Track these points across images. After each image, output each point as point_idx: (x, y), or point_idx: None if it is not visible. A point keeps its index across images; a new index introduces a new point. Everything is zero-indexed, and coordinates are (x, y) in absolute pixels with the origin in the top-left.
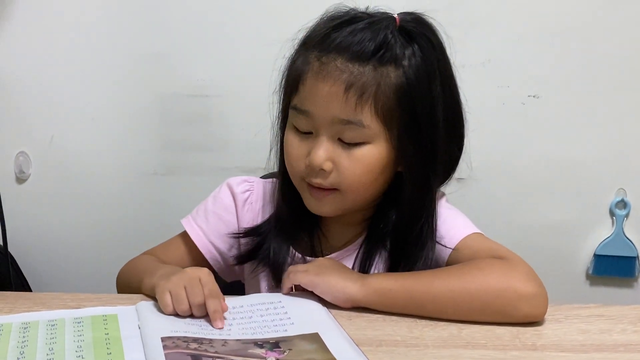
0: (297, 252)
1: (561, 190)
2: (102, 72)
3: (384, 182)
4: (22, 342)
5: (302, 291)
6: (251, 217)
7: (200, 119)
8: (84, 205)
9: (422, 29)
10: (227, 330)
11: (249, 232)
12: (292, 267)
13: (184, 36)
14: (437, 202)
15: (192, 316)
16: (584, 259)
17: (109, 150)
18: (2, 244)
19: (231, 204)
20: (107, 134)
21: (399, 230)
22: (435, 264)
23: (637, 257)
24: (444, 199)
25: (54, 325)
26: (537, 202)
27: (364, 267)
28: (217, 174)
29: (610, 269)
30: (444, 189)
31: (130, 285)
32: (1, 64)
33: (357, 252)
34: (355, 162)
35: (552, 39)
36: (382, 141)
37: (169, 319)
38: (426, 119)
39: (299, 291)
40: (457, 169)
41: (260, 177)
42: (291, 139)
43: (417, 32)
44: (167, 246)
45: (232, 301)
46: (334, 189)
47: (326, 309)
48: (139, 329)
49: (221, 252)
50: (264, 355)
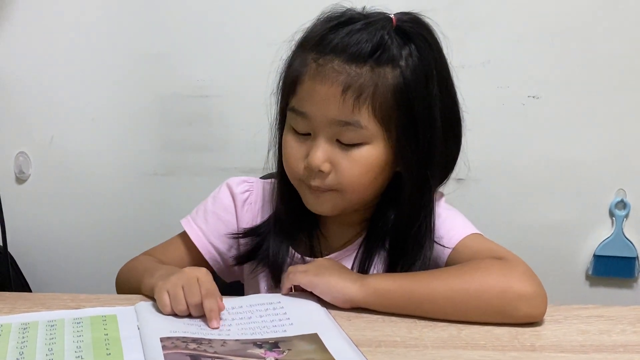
0: (296, 253)
1: (561, 190)
2: (102, 73)
3: (382, 182)
4: (22, 343)
5: (302, 291)
6: (251, 217)
7: (200, 120)
8: (83, 205)
9: (419, 29)
10: (227, 330)
11: (248, 233)
12: (291, 268)
13: (184, 36)
14: (436, 203)
15: (191, 316)
16: (584, 260)
17: (109, 150)
18: (2, 244)
19: (230, 204)
20: (107, 134)
21: (398, 230)
22: (434, 264)
23: (637, 257)
24: (443, 200)
25: (54, 325)
26: (536, 202)
27: (364, 267)
28: (217, 174)
29: (609, 269)
30: (444, 189)
31: (129, 285)
32: (1, 64)
33: (356, 252)
34: (353, 163)
35: (552, 39)
36: (380, 141)
37: (167, 319)
38: (424, 118)
39: (299, 291)
40: (456, 169)
41: (259, 177)
42: (289, 140)
43: (414, 32)
44: (166, 246)
45: (231, 302)
46: (332, 189)
47: (325, 309)
48: (138, 329)
49: (220, 252)
50: (263, 355)
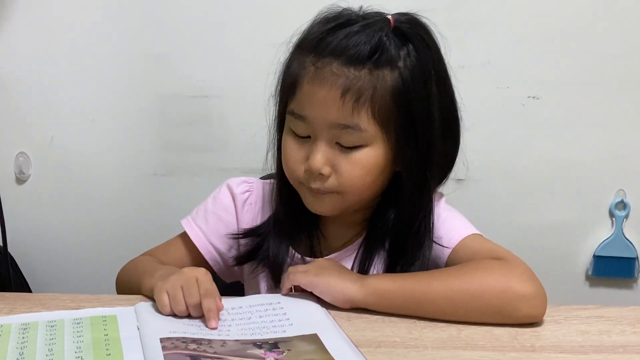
0: (296, 253)
1: (561, 191)
2: (102, 73)
3: (382, 183)
4: (22, 343)
5: (302, 292)
6: (251, 217)
7: (200, 120)
8: (83, 205)
9: (417, 30)
10: (226, 330)
11: (248, 233)
12: (291, 268)
13: (184, 37)
14: (437, 203)
15: (190, 317)
16: (584, 260)
17: (109, 150)
18: (2, 244)
19: (231, 204)
20: (107, 134)
21: (397, 229)
22: (434, 265)
23: (637, 258)
24: (443, 200)
25: (54, 326)
26: (536, 203)
27: (364, 268)
28: (217, 174)
29: (609, 270)
30: (444, 189)
31: (129, 286)
32: (1, 64)
33: (356, 252)
34: (354, 166)
35: (552, 40)
36: (379, 143)
37: (167, 319)
38: (423, 119)
39: (299, 292)
40: (456, 169)
41: (259, 177)
42: (289, 143)
43: (412, 32)
44: (166, 247)
45: (231, 302)
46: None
47: (325, 309)
48: (138, 329)
49: (221, 252)
50: (263, 355)
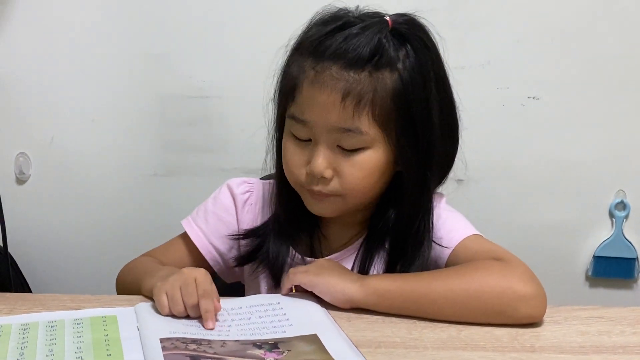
0: (296, 253)
1: (561, 192)
2: (102, 73)
3: (384, 184)
4: (22, 343)
5: (302, 292)
6: (251, 218)
7: (200, 120)
8: (84, 206)
9: (415, 30)
10: (226, 331)
11: (248, 234)
12: (292, 269)
13: (184, 37)
14: (437, 204)
15: (189, 317)
16: (584, 260)
17: (109, 151)
18: (2, 244)
19: (231, 205)
20: (107, 135)
21: (398, 229)
22: (434, 265)
23: (637, 258)
24: (444, 201)
25: (54, 326)
26: (536, 203)
27: (364, 268)
28: (217, 175)
29: (609, 270)
30: (444, 190)
31: (129, 286)
32: (1, 64)
33: (356, 252)
34: (356, 168)
35: (552, 40)
36: (380, 145)
37: (167, 320)
38: (422, 119)
39: (299, 292)
40: (456, 170)
41: (259, 178)
42: (290, 147)
43: (410, 33)
44: (167, 247)
45: (230, 302)
46: (335, 194)
47: (325, 310)
48: (138, 330)
49: (221, 253)
50: (263, 356)
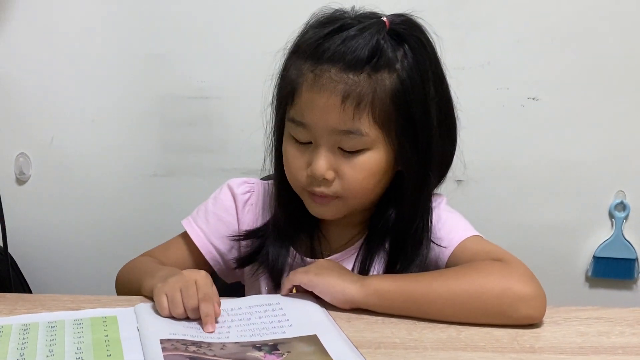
0: (297, 254)
1: (561, 192)
2: (102, 74)
3: (385, 184)
4: (22, 344)
5: (302, 292)
6: (252, 218)
7: (200, 121)
8: (84, 206)
9: (412, 30)
10: (226, 332)
11: (248, 235)
12: (292, 272)
13: (184, 38)
14: (438, 205)
15: (189, 318)
16: (583, 261)
17: (109, 151)
18: (2, 245)
19: (231, 205)
20: (107, 135)
21: (398, 229)
22: (434, 266)
23: (637, 259)
24: (444, 202)
25: (54, 327)
26: (536, 204)
27: (364, 268)
28: (217, 175)
29: (609, 271)
30: (444, 190)
31: (129, 286)
32: (1, 64)
33: (357, 253)
34: (357, 170)
35: (552, 40)
36: (381, 145)
37: (167, 321)
38: (422, 119)
39: (299, 292)
40: (456, 170)
41: (260, 178)
42: (291, 150)
43: (408, 34)
44: (167, 247)
45: (230, 303)
46: (336, 197)
47: (325, 310)
48: (138, 330)
49: (221, 253)
50: (263, 358)
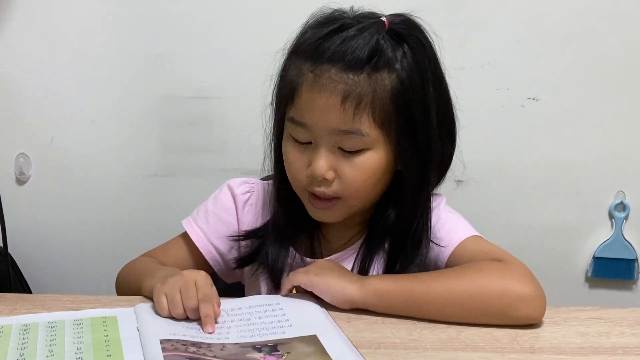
0: (297, 254)
1: (560, 193)
2: (102, 74)
3: (385, 184)
4: (22, 344)
5: (302, 292)
6: (252, 218)
7: (200, 121)
8: (84, 206)
9: (411, 30)
10: (226, 333)
11: (248, 235)
12: (292, 272)
13: (184, 38)
14: (437, 205)
15: (189, 319)
16: (583, 261)
17: (109, 152)
18: (2, 245)
19: (231, 205)
20: (107, 135)
21: (397, 229)
22: (434, 266)
23: (636, 259)
24: (444, 202)
25: (54, 327)
26: (536, 204)
27: (364, 268)
28: (217, 175)
29: (609, 271)
30: (444, 190)
31: (129, 287)
32: (1, 64)
33: (357, 253)
34: (357, 170)
35: (552, 41)
36: (381, 145)
37: (167, 321)
38: (421, 118)
39: (299, 292)
40: (456, 170)
41: (260, 178)
42: (291, 150)
43: (407, 33)
44: (167, 247)
45: (230, 303)
46: (336, 197)
47: (325, 310)
48: (138, 330)
49: (221, 253)
50: (262, 358)
